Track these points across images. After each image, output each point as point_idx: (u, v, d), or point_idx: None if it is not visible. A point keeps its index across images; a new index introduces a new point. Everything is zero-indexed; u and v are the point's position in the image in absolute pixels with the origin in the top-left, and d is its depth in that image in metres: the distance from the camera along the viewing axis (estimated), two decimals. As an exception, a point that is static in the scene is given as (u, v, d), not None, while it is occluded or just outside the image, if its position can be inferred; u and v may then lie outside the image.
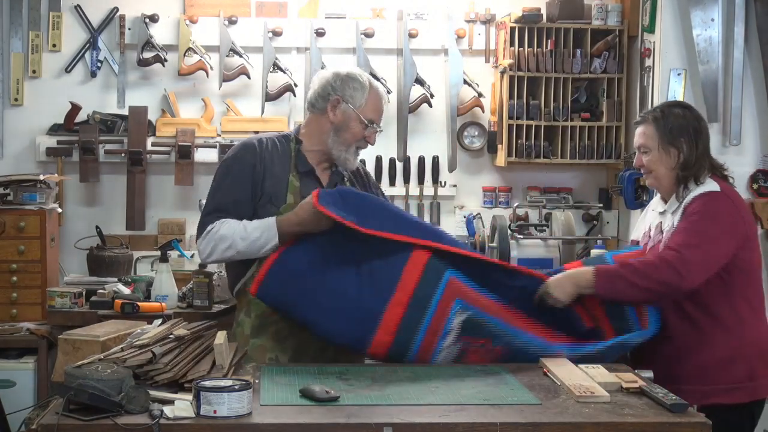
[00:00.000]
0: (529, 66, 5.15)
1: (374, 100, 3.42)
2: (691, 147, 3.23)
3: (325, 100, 3.38)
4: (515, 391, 2.71)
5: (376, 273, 3.12)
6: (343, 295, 3.09)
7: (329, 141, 3.38)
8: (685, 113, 3.29)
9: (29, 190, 4.82)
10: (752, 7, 4.74)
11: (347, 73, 3.42)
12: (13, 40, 5.19)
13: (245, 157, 3.35)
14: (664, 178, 3.27)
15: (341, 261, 3.14)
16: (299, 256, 3.17)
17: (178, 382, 2.59)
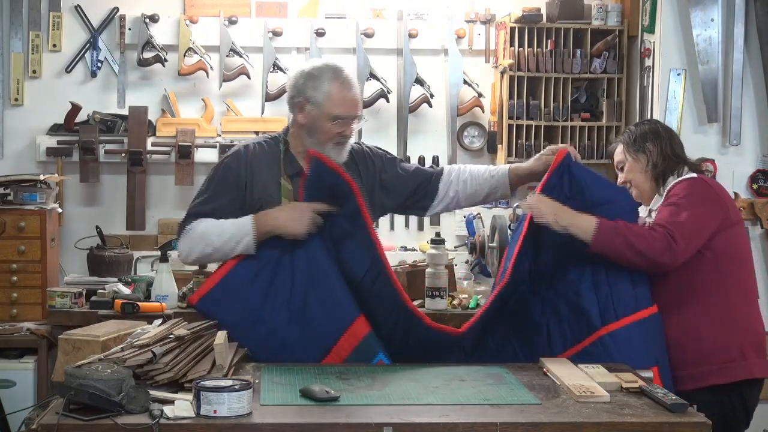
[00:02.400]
0: (529, 66, 5.15)
1: (339, 94, 3.33)
2: (658, 147, 3.40)
3: (293, 102, 3.38)
4: (515, 391, 2.71)
5: (316, 324, 3.17)
6: (274, 331, 3.15)
7: (306, 142, 3.36)
8: (650, 125, 3.52)
9: (29, 190, 4.82)
10: (752, 7, 4.74)
11: (309, 71, 3.37)
12: (13, 40, 5.19)
13: (231, 164, 3.36)
14: (642, 184, 3.43)
15: (285, 295, 3.18)
16: (246, 279, 3.22)
17: (178, 382, 2.59)
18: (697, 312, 3.22)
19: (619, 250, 3.16)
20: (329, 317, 3.17)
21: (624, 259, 3.18)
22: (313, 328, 3.16)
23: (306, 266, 3.21)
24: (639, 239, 3.15)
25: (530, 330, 3.29)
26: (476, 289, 4.66)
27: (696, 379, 3.17)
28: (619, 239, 3.15)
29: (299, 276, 3.20)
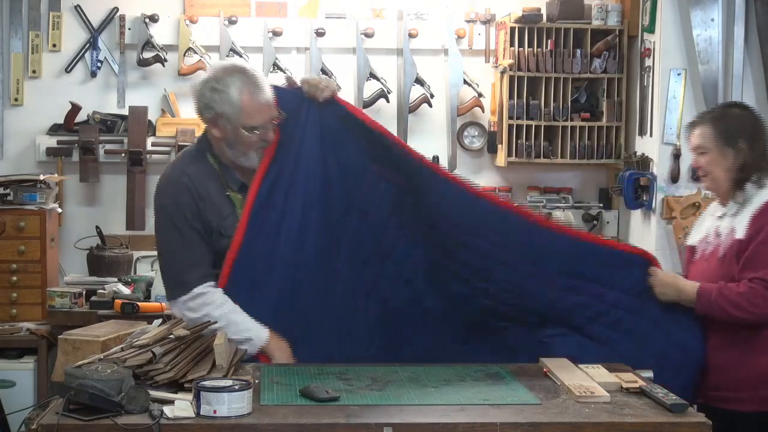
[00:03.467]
0: (529, 66, 5.15)
1: (251, 103, 3.10)
2: (749, 148, 3.17)
3: (205, 117, 3.19)
4: (515, 391, 2.71)
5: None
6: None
7: (229, 154, 3.17)
8: (744, 114, 3.25)
9: (29, 190, 4.82)
10: (752, 7, 4.74)
11: (213, 85, 3.13)
12: (13, 40, 5.19)
13: (184, 200, 3.11)
14: (721, 181, 3.21)
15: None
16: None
17: (178, 382, 2.59)
18: (746, 336, 3.11)
19: (722, 317, 3.09)
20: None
21: (730, 318, 3.08)
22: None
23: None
24: (741, 310, 3.03)
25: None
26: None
27: (740, 402, 3.10)
28: (717, 308, 3.07)
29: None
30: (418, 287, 3.30)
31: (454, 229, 3.25)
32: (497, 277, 3.23)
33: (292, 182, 3.18)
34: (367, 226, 3.27)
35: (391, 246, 3.29)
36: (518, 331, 3.27)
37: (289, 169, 3.18)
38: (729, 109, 3.29)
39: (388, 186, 3.27)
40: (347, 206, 3.26)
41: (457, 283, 3.26)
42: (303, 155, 3.20)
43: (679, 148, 4.79)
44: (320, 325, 3.21)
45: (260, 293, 3.15)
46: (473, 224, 3.25)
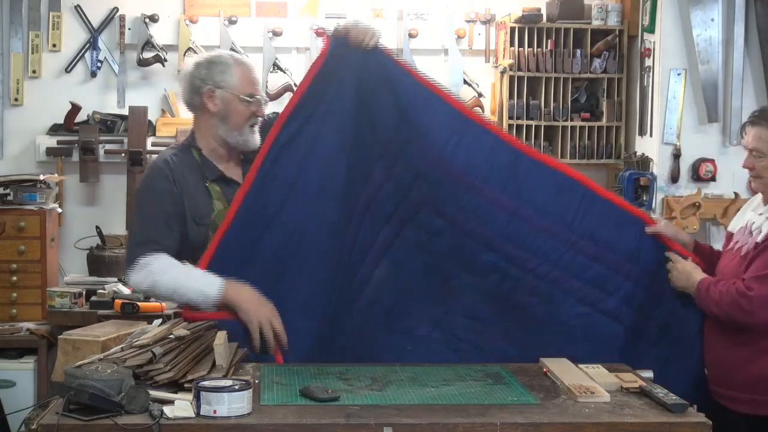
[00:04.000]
0: (529, 66, 5.15)
1: (244, 74, 3.22)
2: None
3: (199, 94, 3.21)
4: (515, 391, 2.71)
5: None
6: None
7: (220, 132, 3.21)
8: None
9: (29, 190, 4.82)
10: (752, 7, 4.74)
11: (207, 60, 3.25)
12: (13, 40, 5.19)
13: (159, 184, 3.17)
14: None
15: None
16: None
17: (178, 382, 2.59)
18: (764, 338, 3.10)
19: (709, 310, 3.13)
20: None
21: (713, 315, 3.12)
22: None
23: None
24: (718, 309, 3.07)
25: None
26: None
27: (757, 405, 3.08)
28: (703, 303, 3.11)
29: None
30: (438, 255, 3.23)
31: (489, 193, 3.19)
32: (538, 245, 3.19)
33: (319, 132, 3.11)
34: (392, 185, 3.20)
35: (414, 210, 3.21)
36: (545, 309, 3.22)
37: (318, 119, 3.11)
38: None
39: (416, 149, 3.18)
40: (374, 162, 3.18)
41: (489, 253, 3.20)
42: (336, 106, 3.12)
43: (679, 148, 4.79)
44: (320, 292, 3.14)
45: (254, 257, 3.08)
46: (514, 187, 3.20)
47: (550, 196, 3.22)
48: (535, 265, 3.21)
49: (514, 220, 3.19)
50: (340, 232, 3.18)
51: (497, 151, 3.21)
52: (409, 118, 3.17)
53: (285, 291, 3.10)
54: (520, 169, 3.21)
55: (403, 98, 3.17)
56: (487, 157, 3.20)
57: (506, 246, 3.20)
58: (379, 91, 3.15)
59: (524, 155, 3.25)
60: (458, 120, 3.20)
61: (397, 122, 3.17)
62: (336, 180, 3.15)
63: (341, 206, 3.17)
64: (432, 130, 3.19)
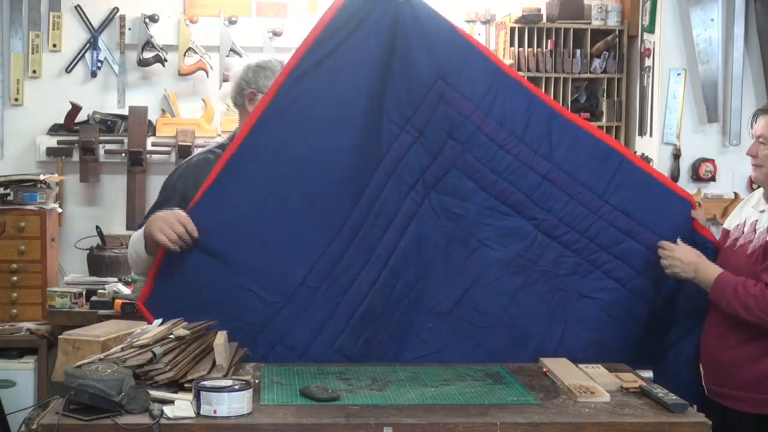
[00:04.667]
0: (529, 66, 5.15)
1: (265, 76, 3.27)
2: None
3: (242, 95, 3.29)
4: (515, 391, 2.71)
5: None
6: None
7: None
8: None
9: (29, 190, 4.82)
10: (752, 7, 4.74)
11: (257, 63, 3.31)
12: (13, 40, 5.19)
13: (174, 182, 3.24)
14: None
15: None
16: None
17: (178, 382, 2.59)
18: (764, 337, 3.06)
19: (732, 312, 3.01)
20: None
21: (737, 316, 3.01)
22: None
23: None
24: (749, 312, 2.96)
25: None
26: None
27: (756, 404, 3.05)
28: (728, 303, 3.00)
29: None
30: (464, 222, 3.13)
31: (523, 152, 3.11)
32: (567, 211, 3.12)
33: (338, 78, 3.01)
34: (420, 147, 3.09)
35: (442, 172, 3.11)
36: (569, 280, 3.14)
37: (341, 64, 3.01)
38: None
39: (450, 105, 3.08)
40: (403, 123, 3.07)
41: (517, 218, 3.13)
42: (363, 51, 3.02)
43: (679, 148, 4.79)
44: (318, 238, 3.03)
45: (252, 189, 3.01)
46: (548, 148, 3.11)
47: (583, 162, 3.13)
48: (562, 233, 3.13)
49: (545, 183, 3.12)
50: (353, 189, 3.06)
51: (533, 109, 3.13)
52: (445, 72, 3.08)
53: (279, 226, 3.01)
54: (555, 130, 3.13)
55: (441, 51, 3.08)
56: (522, 115, 3.12)
57: (534, 210, 3.13)
58: (414, 46, 3.06)
59: (560, 115, 3.16)
60: (495, 74, 3.12)
61: (433, 78, 3.07)
62: (353, 126, 3.03)
63: (355, 161, 3.05)
64: (469, 84, 3.10)
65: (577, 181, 3.13)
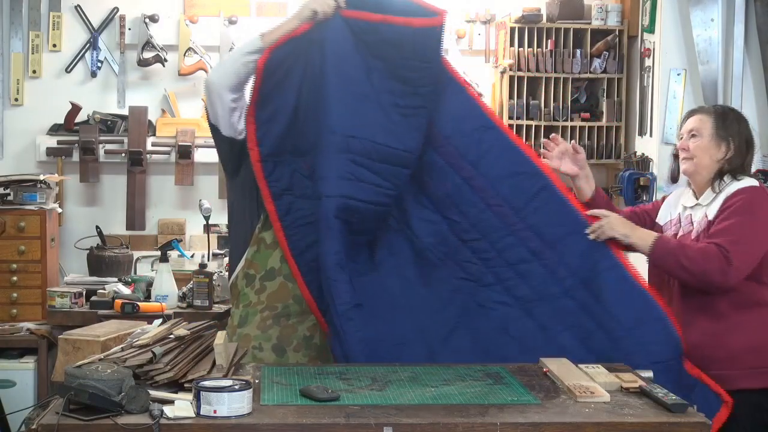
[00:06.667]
0: (529, 66, 5.15)
1: None
2: (741, 148, 3.23)
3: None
4: (515, 391, 2.71)
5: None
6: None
7: None
8: (743, 120, 3.31)
9: (29, 190, 4.82)
10: (752, 7, 4.74)
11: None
12: (14, 40, 5.19)
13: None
14: (705, 169, 3.25)
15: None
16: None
17: (178, 382, 2.59)
18: (737, 311, 3.14)
19: (671, 268, 3.12)
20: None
21: (675, 276, 3.14)
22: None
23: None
24: (692, 262, 3.06)
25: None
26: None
27: (725, 381, 3.08)
28: (672, 258, 3.10)
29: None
30: (387, 206, 3.22)
31: (448, 152, 3.20)
32: (481, 219, 3.19)
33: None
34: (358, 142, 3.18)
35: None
36: (469, 286, 3.21)
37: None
38: (732, 111, 3.35)
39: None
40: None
41: (433, 213, 3.23)
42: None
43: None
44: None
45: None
46: (476, 155, 3.19)
47: (507, 176, 3.20)
48: (473, 238, 3.20)
49: (465, 186, 3.19)
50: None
51: (468, 114, 3.21)
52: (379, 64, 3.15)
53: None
54: (486, 139, 3.20)
55: (379, 47, 3.15)
56: (455, 117, 3.20)
57: (450, 210, 3.20)
58: (352, 54, 3.14)
59: (495, 126, 3.23)
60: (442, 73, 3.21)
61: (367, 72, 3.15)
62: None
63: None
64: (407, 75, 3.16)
65: (496, 192, 3.19)
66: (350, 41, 3.12)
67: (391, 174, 3.16)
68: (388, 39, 3.13)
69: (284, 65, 3.16)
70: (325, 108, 3.11)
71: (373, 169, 3.13)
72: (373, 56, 3.13)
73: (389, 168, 3.15)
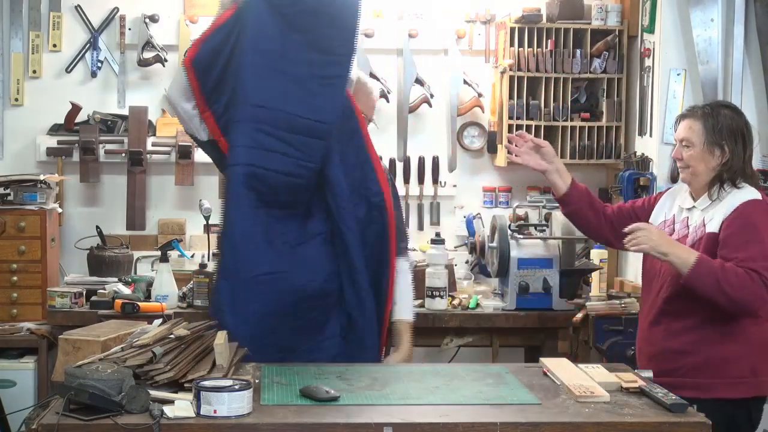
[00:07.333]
0: (529, 66, 5.15)
1: (361, 95, 3.48)
2: (737, 151, 3.18)
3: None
4: (515, 391, 2.71)
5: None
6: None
7: None
8: (734, 116, 3.23)
9: (29, 190, 4.82)
10: (752, 8, 4.74)
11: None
12: (14, 40, 5.19)
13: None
14: (702, 176, 3.21)
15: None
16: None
17: (178, 382, 2.59)
18: (711, 321, 3.12)
19: (709, 292, 3.03)
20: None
21: (709, 297, 3.04)
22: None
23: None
24: (734, 288, 2.99)
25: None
26: (476, 289, 4.67)
27: (701, 389, 3.08)
28: (712, 281, 3.01)
29: None
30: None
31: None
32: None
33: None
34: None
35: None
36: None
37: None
38: (721, 109, 3.26)
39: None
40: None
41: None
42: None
43: (679, 148, 4.78)
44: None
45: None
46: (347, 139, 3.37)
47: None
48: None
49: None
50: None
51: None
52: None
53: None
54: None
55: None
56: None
57: (348, 198, 3.34)
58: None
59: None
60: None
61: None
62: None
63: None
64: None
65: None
66: (268, 16, 3.23)
67: (302, 144, 3.26)
68: (306, 9, 3.19)
69: (221, 55, 3.25)
70: (240, 81, 3.22)
71: (285, 139, 3.25)
72: (291, 29, 3.24)
73: (301, 138, 3.26)
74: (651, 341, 3.25)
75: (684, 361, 3.13)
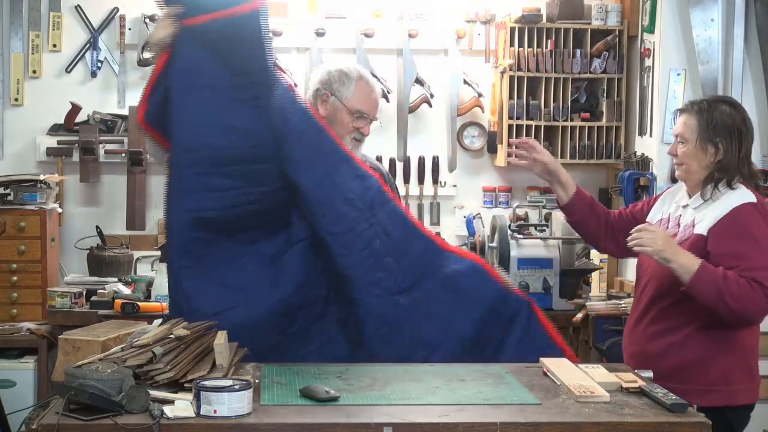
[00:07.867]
0: (529, 66, 5.15)
1: (362, 92, 3.46)
2: (731, 149, 3.11)
3: (316, 97, 3.48)
4: (515, 391, 2.71)
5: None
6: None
7: None
8: (732, 112, 3.16)
9: (29, 190, 4.82)
10: (752, 8, 4.74)
11: (337, 68, 3.50)
12: (14, 40, 5.19)
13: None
14: (695, 174, 3.15)
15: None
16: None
17: (178, 382, 2.59)
18: (686, 326, 3.10)
19: (711, 301, 2.99)
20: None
21: (713, 309, 3.00)
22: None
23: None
24: (735, 299, 2.95)
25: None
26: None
27: (677, 394, 3.06)
28: (714, 290, 2.96)
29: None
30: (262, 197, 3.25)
31: (306, 145, 3.24)
32: (343, 212, 3.20)
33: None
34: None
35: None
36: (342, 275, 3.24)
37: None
38: (718, 105, 3.19)
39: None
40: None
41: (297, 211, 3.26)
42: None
43: (679, 148, 4.78)
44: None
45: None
46: (325, 152, 3.23)
47: (353, 176, 3.25)
48: (341, 231, 3.19)
49: (325, 181, 3.20)
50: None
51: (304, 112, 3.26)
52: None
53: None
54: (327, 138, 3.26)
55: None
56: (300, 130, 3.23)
57: (316, 206, 3.20)
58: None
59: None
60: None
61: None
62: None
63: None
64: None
65: (350, 189, 3.22)
66: (194, 49, 3.14)
67: (242, 173, 3.16)
68: (220, 35, 3.16)
69: (165, 107, 3.17)
70: (172, 126, 3.16)
71: (222, 173, 3.16)
72: (214, 58, 3.16)
73: (239, 168, 3.16)
74: (632, 340, 3.26)
75: (660, 364, 3.08)
